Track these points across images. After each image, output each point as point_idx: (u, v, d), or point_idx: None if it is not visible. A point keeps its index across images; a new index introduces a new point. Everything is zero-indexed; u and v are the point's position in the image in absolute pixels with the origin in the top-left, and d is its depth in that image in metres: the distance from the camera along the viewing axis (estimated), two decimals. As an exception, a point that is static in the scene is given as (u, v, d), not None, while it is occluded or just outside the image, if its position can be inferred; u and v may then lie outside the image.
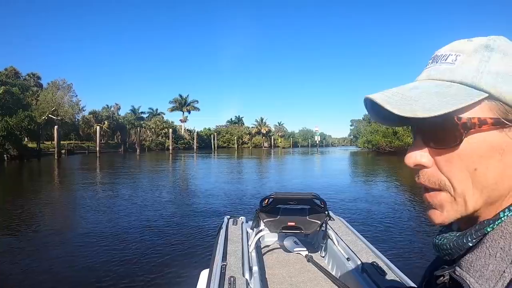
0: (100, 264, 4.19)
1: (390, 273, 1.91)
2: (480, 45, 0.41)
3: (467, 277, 0.40)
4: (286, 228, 2.66)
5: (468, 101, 0.38)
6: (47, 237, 5.54)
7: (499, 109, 0.39)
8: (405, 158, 0.44)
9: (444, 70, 0.42)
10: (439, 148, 0.41)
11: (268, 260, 2.81)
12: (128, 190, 11.00)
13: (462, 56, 0.42)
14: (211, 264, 2.10)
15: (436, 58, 0.45)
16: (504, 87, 0.38)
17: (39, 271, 3.99)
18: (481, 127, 0.38)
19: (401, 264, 2.71)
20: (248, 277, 1.94)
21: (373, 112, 0.46)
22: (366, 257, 2.17)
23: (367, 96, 0.43)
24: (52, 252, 4.72)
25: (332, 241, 2.62)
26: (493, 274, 0.38)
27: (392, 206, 8.07)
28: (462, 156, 0.40)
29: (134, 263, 4.23)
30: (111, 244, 5.04)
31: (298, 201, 2.86)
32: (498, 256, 0.38)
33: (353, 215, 6.86)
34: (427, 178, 0.43)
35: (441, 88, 0.40)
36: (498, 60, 0.40)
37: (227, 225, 2.87)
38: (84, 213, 7.42)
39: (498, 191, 0.40)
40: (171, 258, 4.43)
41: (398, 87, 0.44)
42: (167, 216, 6.99)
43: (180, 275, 3.83)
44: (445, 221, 0.43)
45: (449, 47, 0.44)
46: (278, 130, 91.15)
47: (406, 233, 5.72)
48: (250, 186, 12.16)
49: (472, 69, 0.40)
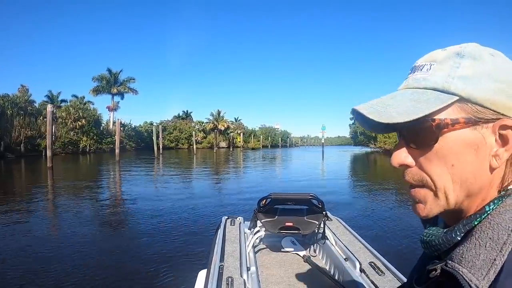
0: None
1: (388, 273, 1.93)
2: (452, 52, 0.45)
3: (459, 268, 0.41)
4: (284, 229, 2.66)
5: (440, 105, 0.42)
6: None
7: (471, 109, 0.42)
8: (391, 160, 0.47)
9: (419, 79, 0.46)
10: (419, 148, 0.45)
11: (266, 260, 2.75)
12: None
13: (435, 64, 0.45)
14: (208, 264, 2.09)
15: (414, 69, 0.48)
16: (473, 90, 0.42)
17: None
18: (454, 126, 0.42)
19: (399, 264, 2.08)
20: (246, 277, 1.91)
21: (362, 121, 0.49)
22: (364, 257, 2.17)
23: (354, 108, 0.46)
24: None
25: (330, 241, 2.61)
26: (484, 263, 0.39)
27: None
28: (440, 154, 0.44)
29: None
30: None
31: (296, 202, 2.83)
32: (488, 245, 0.40)
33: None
34: (411, 176, 0.47)
35: (415, 95, 0.44)
36: (468, 65, 0.43)
37: (225, 225, 2.83)
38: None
39: (477, 184, 0.44)
40: None
41: (381, 97, 0.47)
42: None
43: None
44: (429, 214, 0.47)
45: (425, 57, 0.48)
46: (237, 127, 75.51)
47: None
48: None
49: (444, 76, 0.44)
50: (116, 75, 49.23)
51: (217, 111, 68.04)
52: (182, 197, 9.02)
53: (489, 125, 0.43)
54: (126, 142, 48.86)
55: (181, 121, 70.63)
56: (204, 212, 7.14)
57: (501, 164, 0.43)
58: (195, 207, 7.57)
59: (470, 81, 0.42)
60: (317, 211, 2.75)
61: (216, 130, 61.17)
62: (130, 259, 4.31)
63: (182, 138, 63.12)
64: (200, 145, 63.31)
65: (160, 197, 9.29)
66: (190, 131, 58.43)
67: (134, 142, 50.92)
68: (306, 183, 12.58)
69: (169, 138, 62.28)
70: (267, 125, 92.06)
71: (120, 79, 49.89)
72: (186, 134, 61.74)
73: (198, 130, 66.58)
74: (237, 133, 70.43)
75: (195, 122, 70.64)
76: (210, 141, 63.77)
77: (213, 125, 65.83)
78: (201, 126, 69.14)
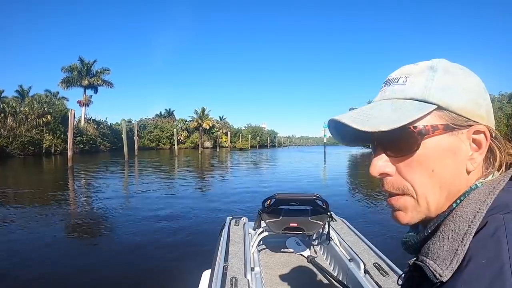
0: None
1: (392, 274, 1.91)
2: (426, 66, 0.48)
3: (426, 260, 0.44)
4: (288, 229, 2.63)
5: (421, 113, 0.44)
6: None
7: (448, 116, 0.45)
8: (370, 169, 0.48)
9: (397, 90, 0.48)
10: (400, 156, 0.46)
11: (270, 261, 2.78)
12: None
13: (410, 77, 0.48)
14: (212, 264, 2.09)
15: (388, 82, 0.51)
16: (450, 99, 0.45)
17: None
18: (434, 132, 0.45)
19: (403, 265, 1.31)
20: (250, 278, 1.92)
21: (336, 133, 0.52)
22: (368, 258, 2.16)
23: (333, 118, 0.47)
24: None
25: (334, 242, 2.60)
26: (448, 254, 0.42)
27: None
28: (421, 160, 0.45)
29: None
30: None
31: (301, 202, 2.81)
32: (451, 237, 0.42)
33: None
34: (391, 185, 0.48)
35: (396, 105, 0.46)
36: (441, 77, 0.47)
37: (229, 226, 2.82)
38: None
39: (456, 186, 0.46)
40: None
41: (360, 108, 0.49)
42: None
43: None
44: (410, 221, 0.48)
45: (399, 71, 0.51)
46: (223, 126, 71.41)
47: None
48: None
49: (421, 87, 0.46)
50: (89, 65, 44.01)
51: (201, 109, 63.83)
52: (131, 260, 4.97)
53: (464, 131, 0.46)
54: (100, 142, 43.98)
55: (163, 119, 65.90)
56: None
57: (476, 167, 0.46)
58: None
59: (446, 91, 0.45)
60: (321, 212, 2.71)
61: (201, 129, 56.73)
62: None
63: (164, 137, 58.60)
64: (183, 145, 59.01)
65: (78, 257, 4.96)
66: (172, 129, 53.64)
67: (110, 141, 45.89)
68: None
69: (149, 137, 57.63)
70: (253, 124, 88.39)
71: (94, 70, 44.81)
72: (168, 133, 57.31)
73: (181, 129, 62.15)
74: (222, 132, 66.28)
75: (178, 121, 66.01)
76: (194, 140, 59.53)
77: (197, 123, 61.60)
78: (184, 124, 64.65)
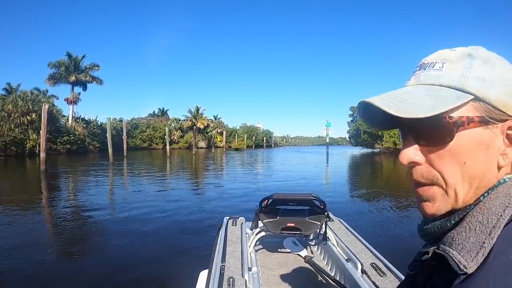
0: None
1: (390, 274, 1.91)
2: (463, 53, 0.46)
3: (449, 250, 0.43)
4: (285, 229, 2.60)
5: (458, 102, 0.42)
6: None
7: (483, 108, 0.43)
8: (400, 157, 0.47)
9: (432, 75, 0.46)
10: (432, 145, 0.45)
11: (267, 261, 2.74)
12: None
13: (447, 63, 0.46)
14: (210, 264, 2.07)
15: (423, 66, 0.48)
16: (487, 90, 0.43)
17: None
18: (469, 124, 0.43)
19: (400, 265, 1.85)
20: (247, 278, 1.90)
21: (365, 115, 0.50)
22: (366, 258, 2.15)
23: (364, 100, 0.46)
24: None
25: (332, 242, 2.59)
26: (473, 246, 0.40)
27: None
28: (453, 152, 0.44)
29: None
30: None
31: (298, 202, 2.79)
32: (478, 229, 0.41)
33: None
34: (420, 174, 0.46)
35: (432, 92, 0.44)
36: (479, 66, 0.44)
37: (227, 226, 2.81)
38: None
39: (485, 181, 0.45)
40: None
41: (392, 91, 0.47)
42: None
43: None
44: (436, 212, 0.46)
45: (435, 55, 0.48)
46: (217, 126, 69.74)
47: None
48: None
49: (458, 74, 0.44)
50: (77, 61, 42.04)
51: (195, 108, 62.32)
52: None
53: (499, 125, 0.44)
54: (89, 142, 42.12)
55: (156, 118, 64.08)
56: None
57: (508, 163, 0.45)
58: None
59: (484, 82, 0.43)
60: (319, 212, 2.70)
61: (195, 128, 54.83)
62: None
63: (156, 137, 56.88)
64: (177, 145, 57.33)
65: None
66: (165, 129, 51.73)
67: (100, 141, 43.97)
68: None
69: (141, 137, 55.84)
70: (248, 124, 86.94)
71: (82, 67, 42.83)
72: (161, 133, 55.38)
73: (175, 128, 60.44)
74: (217, 131, 64.68)
75: (171, 120, 64.24)
76: (187, 140, 57.88)
77: (191, 123, 59.96)
78: (178, 123, 62.93)
